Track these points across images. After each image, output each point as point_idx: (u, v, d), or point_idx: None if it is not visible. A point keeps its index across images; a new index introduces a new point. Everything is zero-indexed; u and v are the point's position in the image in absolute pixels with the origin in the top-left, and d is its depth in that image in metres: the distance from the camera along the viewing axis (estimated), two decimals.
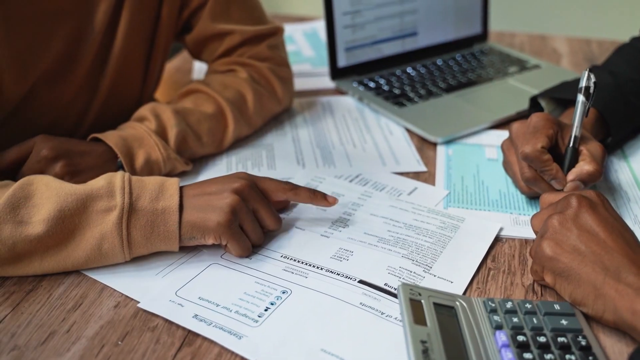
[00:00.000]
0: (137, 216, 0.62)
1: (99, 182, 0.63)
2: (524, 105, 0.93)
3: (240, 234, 0.64)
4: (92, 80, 0.84)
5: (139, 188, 0.63)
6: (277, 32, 0.96)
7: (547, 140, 0.71)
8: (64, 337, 0.56)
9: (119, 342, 0.55)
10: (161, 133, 0.79)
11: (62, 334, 0.56)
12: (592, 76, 0.71)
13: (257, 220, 0.67)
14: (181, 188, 0.66)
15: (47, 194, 0.62)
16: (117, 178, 0.64)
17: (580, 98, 0.71)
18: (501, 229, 0.71)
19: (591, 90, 0.71)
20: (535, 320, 0.55)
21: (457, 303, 0.57)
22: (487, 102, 1.00)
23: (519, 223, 0.72)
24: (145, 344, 0.55)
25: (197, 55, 0.98)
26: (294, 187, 0.70)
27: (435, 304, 0.56)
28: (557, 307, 0.57)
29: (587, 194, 0.61)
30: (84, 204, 0.61)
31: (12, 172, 0.74)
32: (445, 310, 0.56)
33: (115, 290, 0.62)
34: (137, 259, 0.65)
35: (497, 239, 0.70)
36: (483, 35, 1.23)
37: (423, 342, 0.51)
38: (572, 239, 0.57)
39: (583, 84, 0.72)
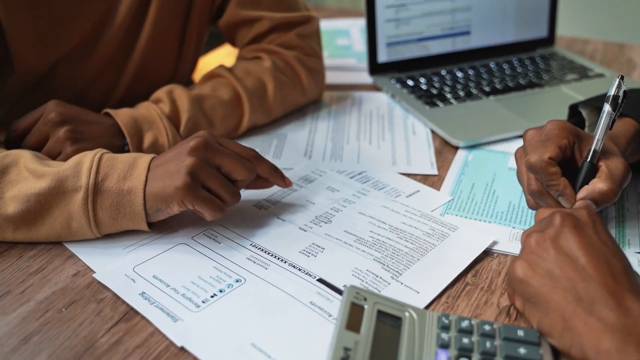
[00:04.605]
0: (103, 197, 0.62)
1: (69, 163, 0.63)
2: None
3: (205, 196, 0.61)
4: (118, 62, 0.86)
5: (108, 167, 0.62)
6: (309, 21, 0.94)
7: (557, 151, 0.63)
8: (15, 298, 0.57)
9: (63, 309, 0.56)
10: (173, 117, 0.80)
11: (16, 294, 0.58)
12: (622, 84, 0.64)
13: (224, 176, 0.64)
14: (150, 162, 0.64)
15: (23, 173, 0.63)
16: (87, 158, 0.63)
17: (607, 108, 0.63)
18: (494, 243, 0.64)
19: (619, 100, 0.63)
20: (488, 344, 0.50)
21: (407, 314, 0.52)
22: (528, 109, 0.92)
23: (518, 239, 0.66)
24: (86, 315, 0.55)
25: (231, 41, 0.98)
26: (257, 156, 0.67)
27: (379, 312, 0.51)
28: (520, 333, 0.51)
29: (576, 212, 0.54)
30: (53, 184, 0.62)
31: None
32: (390, 320, 0.51)
33: (80, 259, 0.62)
34: (111, 233, 0.65)
35: (488, 253, 0.64)
36: (549, 39, 1.14)
37: (346, 349, 0.47)
38: (547, 262, 0.51)
39: (612, 92, 0.64)
